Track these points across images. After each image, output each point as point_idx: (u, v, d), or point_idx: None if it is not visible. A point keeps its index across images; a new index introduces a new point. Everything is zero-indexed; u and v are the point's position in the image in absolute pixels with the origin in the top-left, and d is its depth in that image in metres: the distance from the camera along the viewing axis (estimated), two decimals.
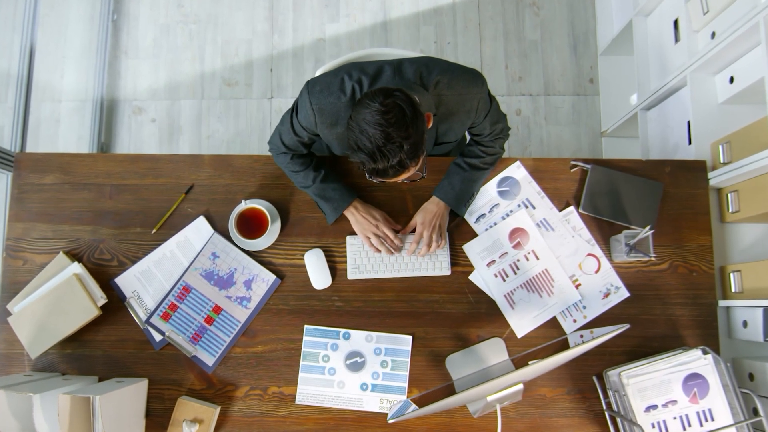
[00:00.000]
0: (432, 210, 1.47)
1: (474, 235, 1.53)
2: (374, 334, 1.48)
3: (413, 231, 1.50)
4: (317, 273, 1.49)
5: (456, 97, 1.26)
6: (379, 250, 1.47)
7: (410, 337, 1.48)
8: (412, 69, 1.24)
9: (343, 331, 1.48)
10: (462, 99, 1.27)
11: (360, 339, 1.48)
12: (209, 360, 1.46)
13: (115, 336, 1.49)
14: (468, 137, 1.53)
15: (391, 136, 1.07)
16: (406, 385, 1.47)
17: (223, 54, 2.58)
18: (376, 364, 1.47)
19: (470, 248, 1.52)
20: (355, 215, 1.46)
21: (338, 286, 1.51)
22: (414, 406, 1.34)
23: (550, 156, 2.49)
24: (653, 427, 1.39)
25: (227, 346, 1.46)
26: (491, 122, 1.38)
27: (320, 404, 1.45)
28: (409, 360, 1.48)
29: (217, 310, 1.47)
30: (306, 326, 1.48)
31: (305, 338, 1.48)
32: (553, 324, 1.50)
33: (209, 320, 1.47)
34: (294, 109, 1.34)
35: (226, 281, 1.49)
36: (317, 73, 1.62)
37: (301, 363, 1.47)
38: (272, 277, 1.49)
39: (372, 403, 1.46)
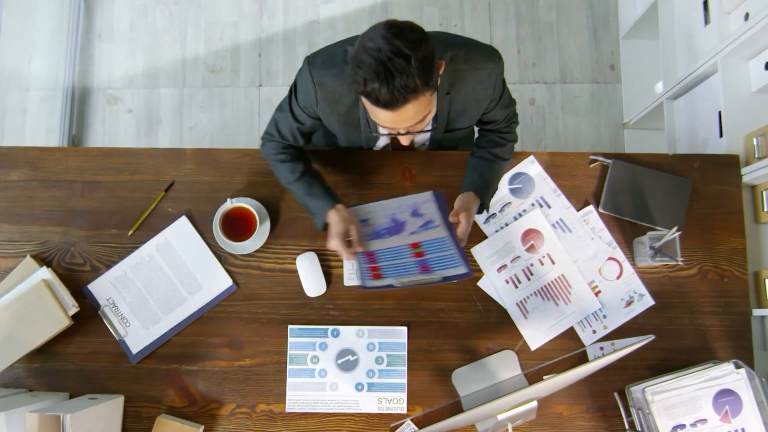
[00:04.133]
0: (470, 200, 1.40)
1: (483, 237, 1.53)
2: (365, 328, 1.49)
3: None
4: (311, 279, 1.49)
5: (473, 72, 1.26)
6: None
7: (405, 328, 1.49)
8: None
9: (331, 328, 1.49)
10: (479, 75, 1.27)
11: (350, 335, 1.48)
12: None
13: (88, 348, 1.49)
14: (477, 131, 1.53)
15: (397, 48, 1.04)
16: (405, 381, 1.47)
17: (206, 38, 2.58)
18: (370, 360, 1.48)
19: (479, 252, 1.52)
20: (338, 214, 1.36)
21: (334, 293, 1.51)
22: (413, 426, 1.34)
23: (566, 150, 2.49)
24: None
25: (462, 252, 1.33)
26: (505, 105, 1.38)
27: (313, 410, 1.46)
28: (406, 353, 1.48)
29: (416, 245, 1.37)
30: (290, 326, 1.48)
31: (290, 339, 1.48)
32: (570, 335, 1.50)
33: (419, 254, 1.36)
34: (293, 91, 1.34)
35: (396, 227, 1.40)
36: None
37: (289, 367, 1.47)
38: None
39: (370, 404, 1.46)
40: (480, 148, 1.48)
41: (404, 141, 1.23)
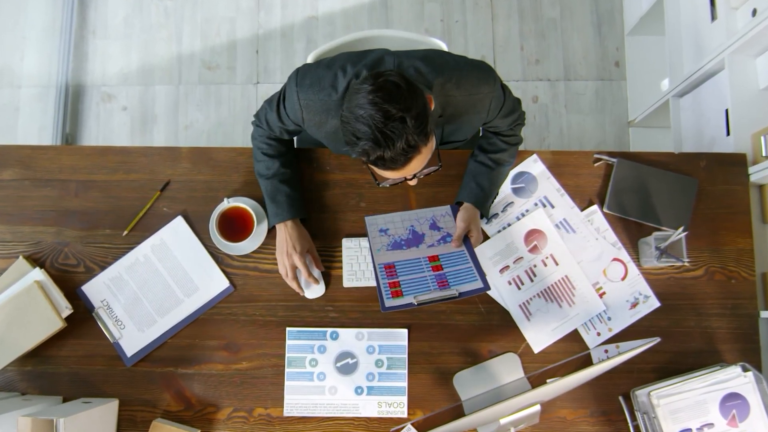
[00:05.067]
0: (472, 213, 1.47)
1: (485, 237, 1.53)
2: (365, 330, 1.49)
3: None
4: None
5: (466, 97, 1.27)
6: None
7: (405, 330, 1.49)
8: (413, 66, 1.24)
9: (330, 330, 1.49)
10: (472, 99, 1.28)
11: (350, 337, 1.49)
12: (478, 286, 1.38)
13: (82, 351, 1.49)
14: (481, 130, 1.54)
15: (390, 113, 1.06)
16: (405, 384, 1.47)
17: (203, 34, 2.58)
18: (370, 364, 1.48)
19: (481, 253, 1.52)
20: (282, 233, 1.45)
21: (332, 294, 1.51)
22: (414, 431, 1.34)
23: (570, 148, 2.49)
24: None
25: (478, 266, 1.40)
26: (506, 114, 1.39)
27: (311, 414, 1.46)
28: (406, 356, 1.48)
29: (434, 258, 1.43)
30: (288, 329, 1.49)
31: (288, 342, 1.48)
32: (574, 337, 1.50)
33: (437, 268, 1.41)
34: (282, 98, 1.35)
35: (415, 239, 1.47)
36: (309, 58, 1.63)
37: (287, 370, 1.47)
38: None
39: (369, 408, 1.47)
40: (481, 151, 1.48)
41: (412, 183, 1.26)
